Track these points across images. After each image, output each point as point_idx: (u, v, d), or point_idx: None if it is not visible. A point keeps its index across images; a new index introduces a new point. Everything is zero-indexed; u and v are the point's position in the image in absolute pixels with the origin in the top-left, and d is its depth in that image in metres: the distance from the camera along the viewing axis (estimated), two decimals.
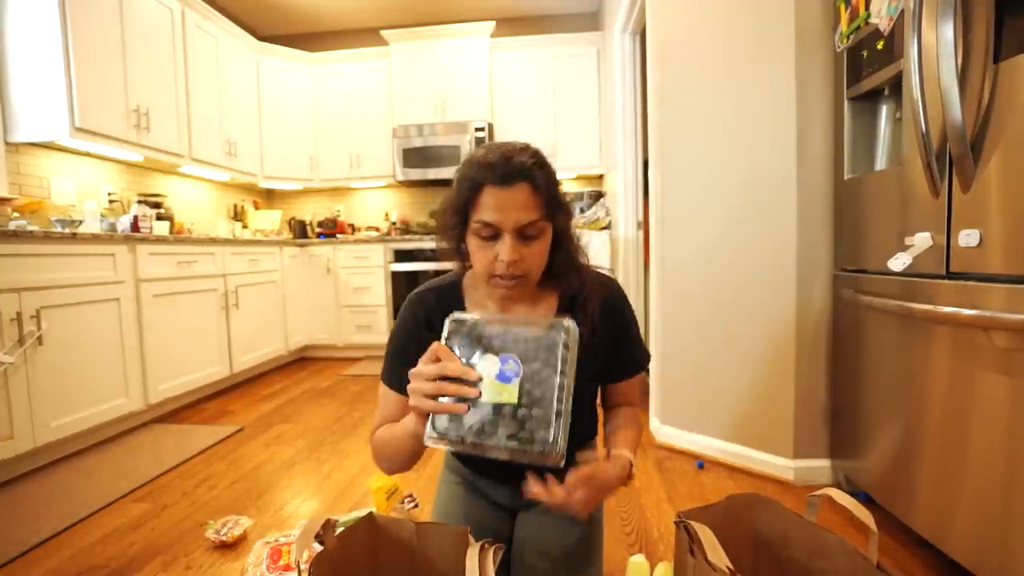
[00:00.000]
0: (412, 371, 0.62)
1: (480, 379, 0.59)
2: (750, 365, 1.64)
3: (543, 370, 0.58)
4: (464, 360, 0.61)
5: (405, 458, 0.73)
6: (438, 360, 0.60)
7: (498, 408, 0.57)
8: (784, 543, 0.89)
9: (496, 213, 0.69)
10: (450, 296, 0.83)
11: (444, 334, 0.63)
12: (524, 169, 0.69)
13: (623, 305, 0.86)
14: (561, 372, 0.58)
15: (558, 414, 0.56)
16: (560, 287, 0.83)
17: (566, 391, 0.57)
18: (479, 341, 0.62)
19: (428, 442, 0.61)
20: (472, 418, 0.58)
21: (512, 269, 0.70)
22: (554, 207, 0.73)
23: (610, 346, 0.85)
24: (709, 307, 1.73)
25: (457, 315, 0.65)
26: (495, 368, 0.59)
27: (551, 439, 0.55)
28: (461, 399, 0.59)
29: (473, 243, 0.73)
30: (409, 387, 0.61)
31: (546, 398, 0.57)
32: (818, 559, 0.83)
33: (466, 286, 0.84)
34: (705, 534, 0.72)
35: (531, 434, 0.56)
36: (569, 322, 0.60)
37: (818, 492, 0.84)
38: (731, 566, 0.66)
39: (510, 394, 0.57)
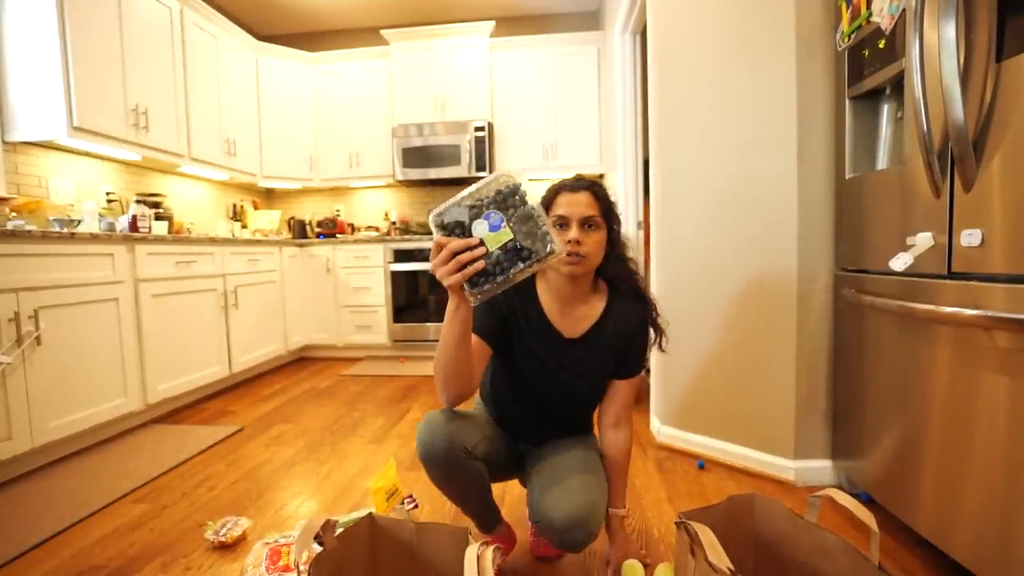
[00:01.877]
0: (431, 268, 0.77)
1: (480, 240, 0.74)
2: (750, 365, 1.63)
3: (518, 207, 0.75)
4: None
5: (455, 350, 0.87)
6: (441, 248, 0.75)
7: (504, 248, 0.74)
8: (785, 544, 0.88)
9: (567, 208, 0.98)
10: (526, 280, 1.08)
11: (435, 232, 0.77)
12: (589, 183, 1.03)
13: (644, 321, 1.09)
14: (525, 203, 0.76)
15: (541, 224, 0.75)
16: (607, 293, 1.09)
17: (536, 210, 0.76)
18: (462, 218, 0.76)
19: (474, 301, 0.77)
20: (492, 266, 0.74)
21: (576, 248, 0.96)
22: (609, 214, 1.03)
23: (623, 349, 1.08)
24: (710, 306, 1.73)
25: (433, 213, 0.78)
26: (484, 225, 0.75)
27: (548, 243, 0.75)
28: (475, 262, 0.74)
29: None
30: (437, 277, 0.76)
31: (530, 222, 0.75)
32: (819, 559, 0.83)
33: (538, 276, 1.10)
34: (706, 535, 0.72)
35: (534, 248, 0.75)
36: (509, 176, 0.77)
37: (819, 492, 0.84)
38: (732, 567, 0.66)
39: (506, 235, 0.75)
